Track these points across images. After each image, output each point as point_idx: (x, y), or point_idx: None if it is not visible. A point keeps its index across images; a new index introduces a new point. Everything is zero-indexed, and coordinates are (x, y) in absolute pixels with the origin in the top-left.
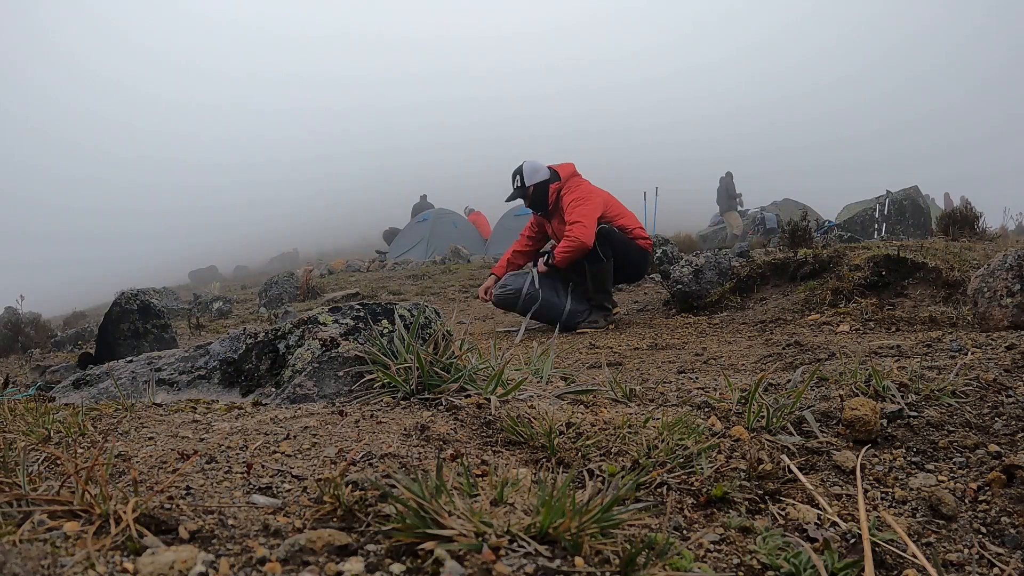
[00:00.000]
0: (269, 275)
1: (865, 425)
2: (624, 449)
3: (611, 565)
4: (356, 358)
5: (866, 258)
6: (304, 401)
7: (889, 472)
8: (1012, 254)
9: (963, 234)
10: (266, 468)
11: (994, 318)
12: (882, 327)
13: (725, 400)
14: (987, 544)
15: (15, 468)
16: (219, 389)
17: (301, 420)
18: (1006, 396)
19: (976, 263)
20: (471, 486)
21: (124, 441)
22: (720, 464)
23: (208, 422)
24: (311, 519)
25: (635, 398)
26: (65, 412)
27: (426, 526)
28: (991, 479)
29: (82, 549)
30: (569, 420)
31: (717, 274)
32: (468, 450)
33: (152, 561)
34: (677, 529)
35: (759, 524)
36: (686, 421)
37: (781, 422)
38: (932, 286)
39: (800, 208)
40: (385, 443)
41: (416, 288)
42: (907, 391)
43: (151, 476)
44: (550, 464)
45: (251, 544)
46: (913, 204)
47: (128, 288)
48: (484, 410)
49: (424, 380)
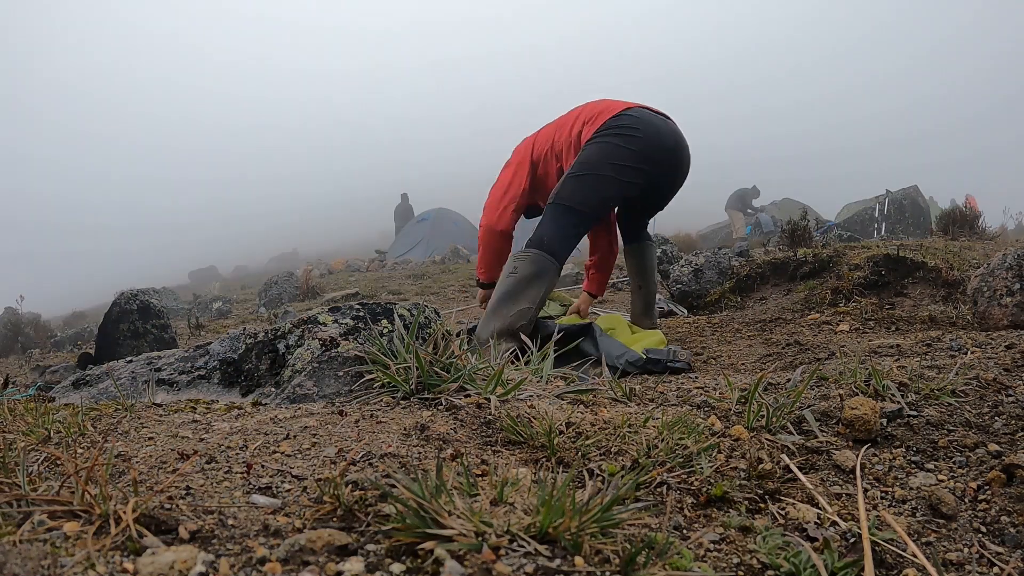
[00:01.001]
0: (269, 275)
1: (865, 424)
2: (624, 448)
3: (611, 565)
4: (356, 358)
5: (866, 257)
6: (304, 401)
7: (889, 471)
8: (1012, 253)
9: (963, 233)
10: (266, 468)
11: (994, 317)
12: (882, 326)
13: (725, 399)
14: (987, 543)
15: (15, 468)
16: (219, 389)
17: (301, 420)
18: (1006, 395)
19: (976, 262)
20: (471, 486)
21: (124, 441)
22: (720, 463)
23: (208, 422)
24: (311, 519)
25: (635, 397)
26: (65, 412)
27: (426, 526)
28: (991, 478)
29: (82, 549)
30: (569, 420)
31: (717, 273)
32: (468, 450)
33: (152, 561)
34: (677, 528)
35: (759, 523)
36: (686, 420)
37: (781, 421)
38: (932, 285)
39: (800, 207)
40: (385, 443)
41: (416, 288)
42: (907, 390)
43: (151, 476)
44: (550, 464)
45: (251, 544)
46: (913, 204)
47: (128, 288)
48: (484, 410)
49: (424, 380)
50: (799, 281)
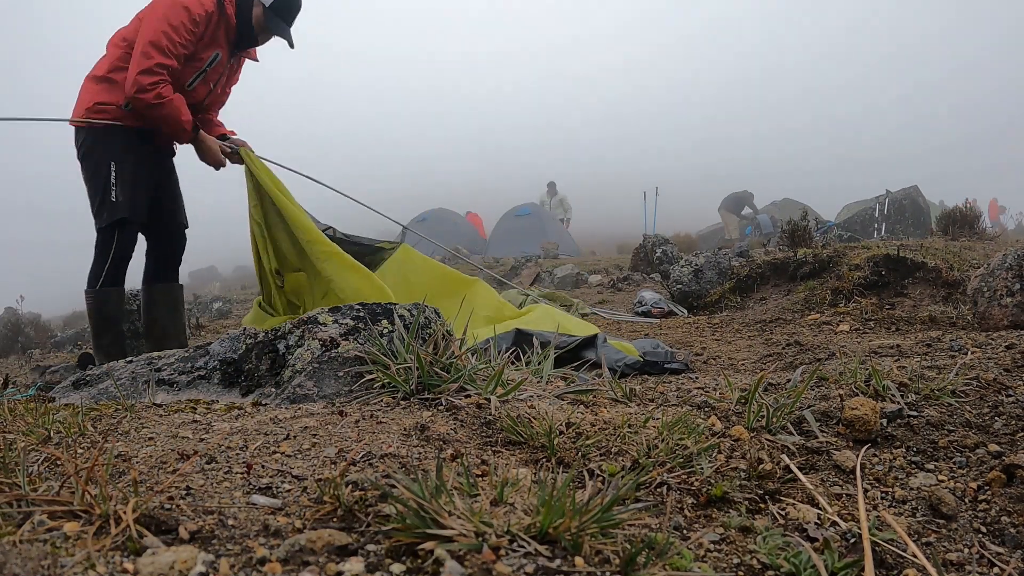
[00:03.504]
0: None
1: (865, 425)
2: (624, 449)
3: (611, 565)
4: (356, 358)
5: (866, 258)
6: (304, 401)
7: (889, 472)
8: (1012, 254)
9: (963, 234)
10: (266, 468)
11: (994, 318)
12: (882, 327)
13: (725, 400)
14: (987, 543)
15: (15, 469)
16: (219, 389)
17: (301, 420)
18: (1006, 396)
19: (976, 263)
20: (471, 486)
21: (124, 441)
22: (720, 464)
23: (208, 422)
24: (311, 519)
25: (635, 398)
26: (65, 412)
27: (426, 526)
28: (991, 478)
29: (82, 549)
30: (569, 420)
31: (717, 274)
32: (468, 450)
33: (152, 561)
34: (677, 529)
35: (759, 524)
36: (686, 421)
37: (781, 422)
38: (932, 286)
39: (800, 208)
40: (385, 443)
41: None
42: (907, 391)
43: (151, 476)
44: (550, 464)
45: (251, 544)
46: (913, 204)
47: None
48: (484, 410)
49: (424, 380)
50: (799, 281)
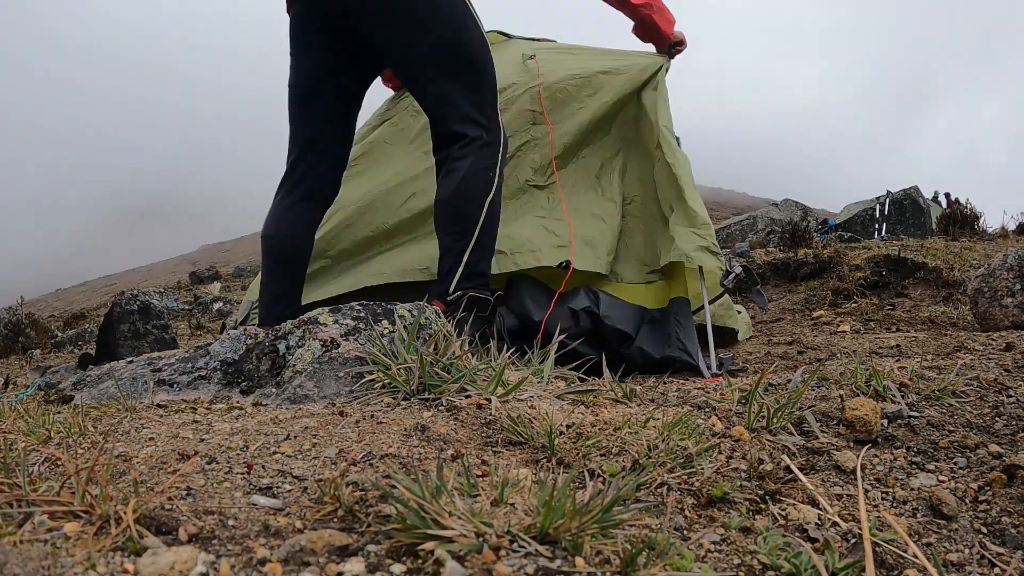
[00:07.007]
0: None
1: (866, 425)
2: (624, 449)
3: (611, 565)
4: (356, 358)
5: (866, 258)
6: (304, 402)
7: (890, 472)
8: (1012, 254)
9: (963, 234)
10: (266, 469)
11: (994, 318)
12: (882, 327)
13: (725, 400)
14: (988, 544)
15: (15, 469)
16: (219, 390)
17: (301, 421)
18: (1007, 396)
19: (976, 263)
20: (471, 486)
21: (125, 442)
22: (721, 464)
23: (208, 423)
24: (312, 519)
25: (635, 398)
26: (65, 412)
27: (427, 526)
28: (992, 479)
29: (83, 550)
30: (569, 420)
31: None
32: (468, 450)
33: (153, 562)
34: (678, 529)
35: (760, 524)
36: (686, 421)
37: (782, 422)
38: (932, 286)
39: (800, 208)
40: (385, 443)
41: None
42: (907, 391)
43: (151, 477)
44: (550, 464)
45: (252, 545)
46: (913, 204)
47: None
48: (484, 410)
49: (424, 380)
50: (800, 282)
